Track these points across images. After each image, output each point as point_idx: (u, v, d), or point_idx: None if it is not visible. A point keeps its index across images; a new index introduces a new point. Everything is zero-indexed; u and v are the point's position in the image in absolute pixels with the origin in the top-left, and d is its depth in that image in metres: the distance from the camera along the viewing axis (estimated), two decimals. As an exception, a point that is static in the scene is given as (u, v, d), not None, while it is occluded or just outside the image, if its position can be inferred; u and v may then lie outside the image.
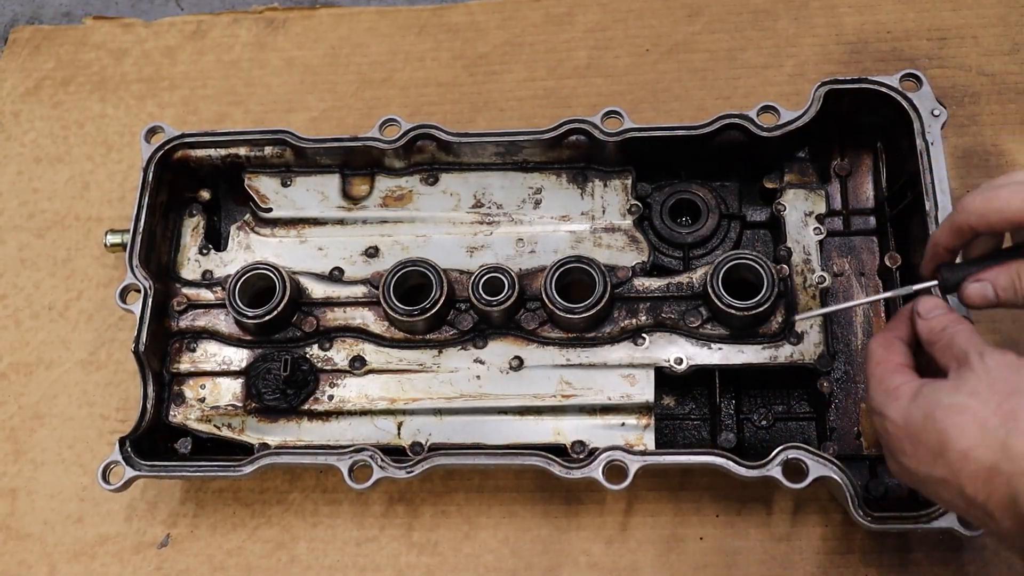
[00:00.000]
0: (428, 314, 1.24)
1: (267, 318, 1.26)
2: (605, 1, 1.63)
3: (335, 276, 1.34)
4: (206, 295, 1.33)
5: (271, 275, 1.27)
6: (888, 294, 1.22)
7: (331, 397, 1.28)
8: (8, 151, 1.63)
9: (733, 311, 1.19)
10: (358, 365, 1.28)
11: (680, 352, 1.23)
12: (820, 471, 1.10)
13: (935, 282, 1.03)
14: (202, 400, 1.30)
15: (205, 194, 1.41)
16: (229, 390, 1.30)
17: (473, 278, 1.25)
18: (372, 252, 1.35)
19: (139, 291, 1.28)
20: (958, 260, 1.03)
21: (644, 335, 1.25)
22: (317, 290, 1.31)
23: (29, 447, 1.41)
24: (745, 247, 1.32)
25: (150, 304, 1.27)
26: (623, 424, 1.23)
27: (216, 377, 1.31)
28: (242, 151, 1.38)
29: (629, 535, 1.27)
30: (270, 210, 1.38)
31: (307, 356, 1.30)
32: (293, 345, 1.30)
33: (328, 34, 1.67)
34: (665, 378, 1.24)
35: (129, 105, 1.65)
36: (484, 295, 1.24)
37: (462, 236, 1.35)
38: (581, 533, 1.28)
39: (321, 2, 1.72)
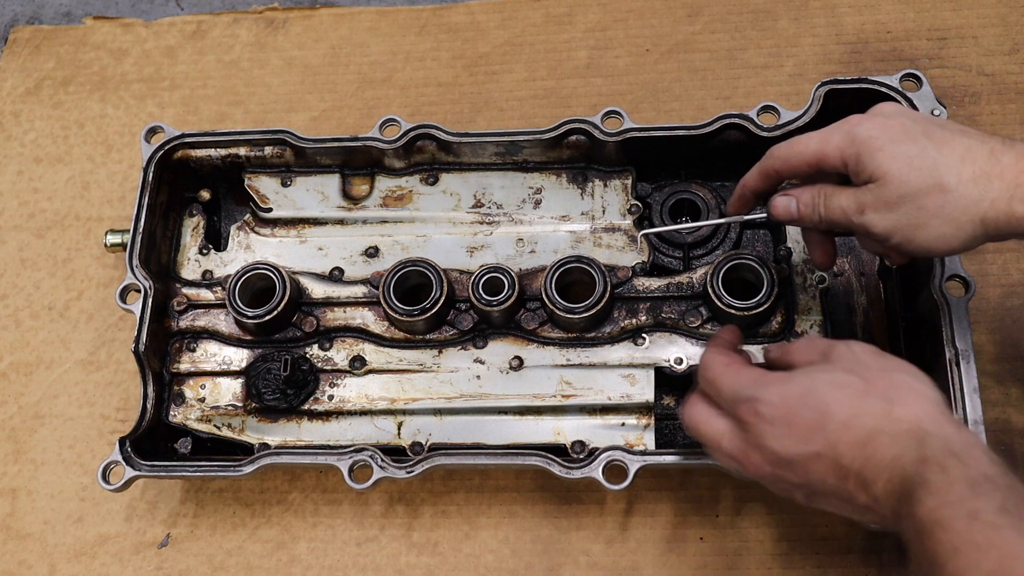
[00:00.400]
0: (428, 314, 1.24)
1: (267, 318, 1.26)
2: (605, 1, 1.63)
3: (335, 276, 1.34)
4: (206, 295, 1.33)
5: (271, 275, 1.27)
6: (719, 221, 1.24)
7: (331, 397, 1.28)
8: (8, 151, 1.63)
9: (733, 311, 1.19)
10: (358, 365, 1.29)
11: (680, 352, 1.23)
12: (820, 471, 1.10)
13: (764, 215, 1.10)
14: (202, 400, 1.30)
15: (205, 194, 1.41)
16: (229, 390, 1.30)
17: (473, 278, 1.25)
18: (372, 252, 1.35)
19: (139, 291, 1.28)
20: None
21: (644, 335, 1.25)
22: (317, 290, 1.31)
23: (29, 447, 1.41)
24: (745, 247, 1.32)
25: (150, 304, 1.27)
26: (623, 424, 1.23)
27: (216, 377, 1.31)
28: (242, 151, 1.38)
29: (629, 535, 1.27)
30: (270, 210, 1.38)
31: (307, 356, 1.30)
32: (293, 345, 1.30)
33: (328, 34, 1.67)
34: (665, 378, 1.24)
35: (129, 105, 1.65)
36: (484, 295, 1.24)
37: (462, 236, 1.35)
38: (581, 533, 1.28)
39: (321, 2, 1.72)
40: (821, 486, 0.88)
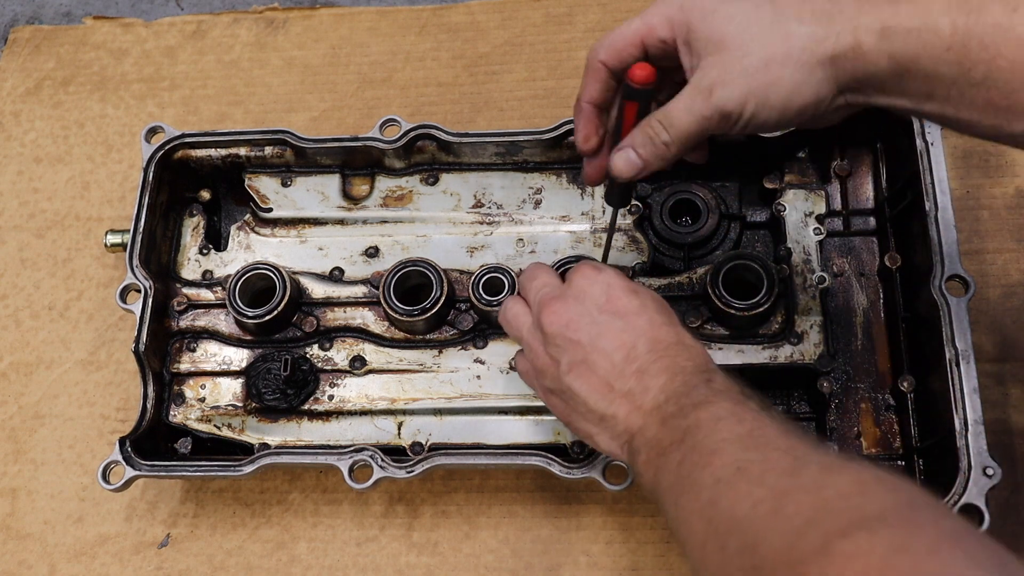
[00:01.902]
0: (428, 314, 1.24)
1: (267, 318, 1.26)
2: (605, 1, 1.63)
3: (335, 276, 1.34)
4: (206, 295, 1.33)
5: (271, 275, 1.27)
6: (614, 225, 1.14)
7: (331, 397, 1.28)
8: (8, 151, 1.63)
9: (733, 311, 1.19)
10: (358, 365, 1.29)
11: (680, 352, 1.23)
12: (820, 471, 1.10)
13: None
14: (202, 400, 1.30)
15: (205, 194, 1.41)
16: (229, 390, 1.30)
17: (473, 278, 1.25)
18: (372, 252, 1.35)
19: (139, 291, 1.28)
20: None
21: (644, 335, 1.25)
22: (317, 290, 1.32)
23: (29, 447, 1.41)
24: (745, 247, 1.32)
25: (150, 304, 1.27)
26: (623, 424, 1.23)
27: (216, 377, 1.31)
28: (242, 151, 1.38)
29: (629, 535, 1.27)
30: (270, 210, 1.38)
31: (307, 356, 1.30)
32: (293, 345, 1.30)
33: (328, 34, 1.67)
34: (665, 378, 1.24)
35: (129, 105, 1.65)
36: (484, 295, 1.24)
37: (462, 236, 1.35)
38: (581, 533, 1.28)
39: (321, 2, 1.72)
40: (600, 357, 0.94)
